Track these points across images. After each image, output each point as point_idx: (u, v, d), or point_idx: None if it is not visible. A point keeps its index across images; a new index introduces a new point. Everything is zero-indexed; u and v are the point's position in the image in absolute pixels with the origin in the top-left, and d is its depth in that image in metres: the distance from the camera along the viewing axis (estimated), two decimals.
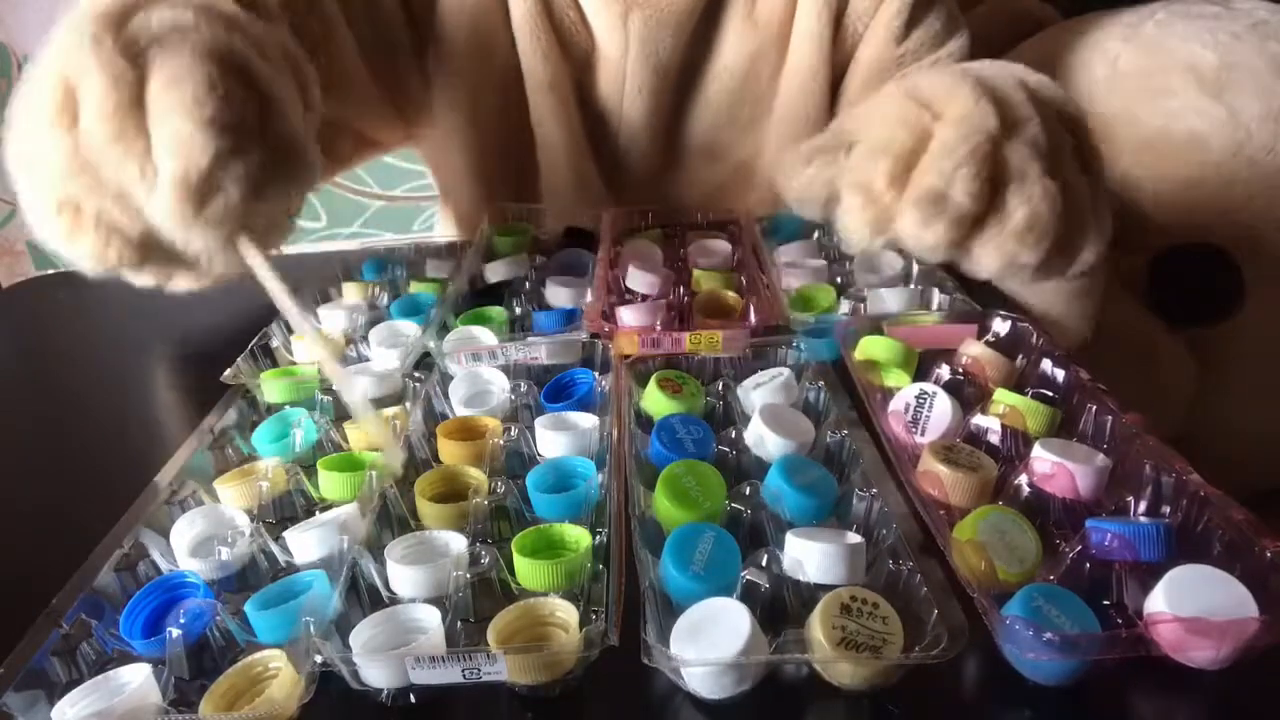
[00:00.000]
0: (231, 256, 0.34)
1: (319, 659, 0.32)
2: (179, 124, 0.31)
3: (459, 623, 0.34)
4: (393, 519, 0.40)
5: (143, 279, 0.36)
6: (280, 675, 0.32)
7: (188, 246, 0.33)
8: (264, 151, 0.33)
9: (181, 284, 0.37)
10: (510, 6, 0.71)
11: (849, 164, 0.45)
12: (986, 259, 0.42)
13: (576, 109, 0.75)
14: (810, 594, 0.34)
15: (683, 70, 0.74)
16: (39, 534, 0.45)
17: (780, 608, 0.34)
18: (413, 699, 0.33)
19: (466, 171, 0.81)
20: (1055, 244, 0.41)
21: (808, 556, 0.34)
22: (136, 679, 0.31)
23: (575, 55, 0.74)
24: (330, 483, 0.42)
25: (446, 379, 0.50)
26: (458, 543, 0.37)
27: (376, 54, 0.71)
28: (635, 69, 0.72)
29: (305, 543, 0.38)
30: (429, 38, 0.74)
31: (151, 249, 0.34)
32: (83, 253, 0.34)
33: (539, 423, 0.44)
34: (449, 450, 0.44)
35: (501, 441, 0.43)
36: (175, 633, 0.33)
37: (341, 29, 0.66)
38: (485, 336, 0.53)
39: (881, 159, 0.43)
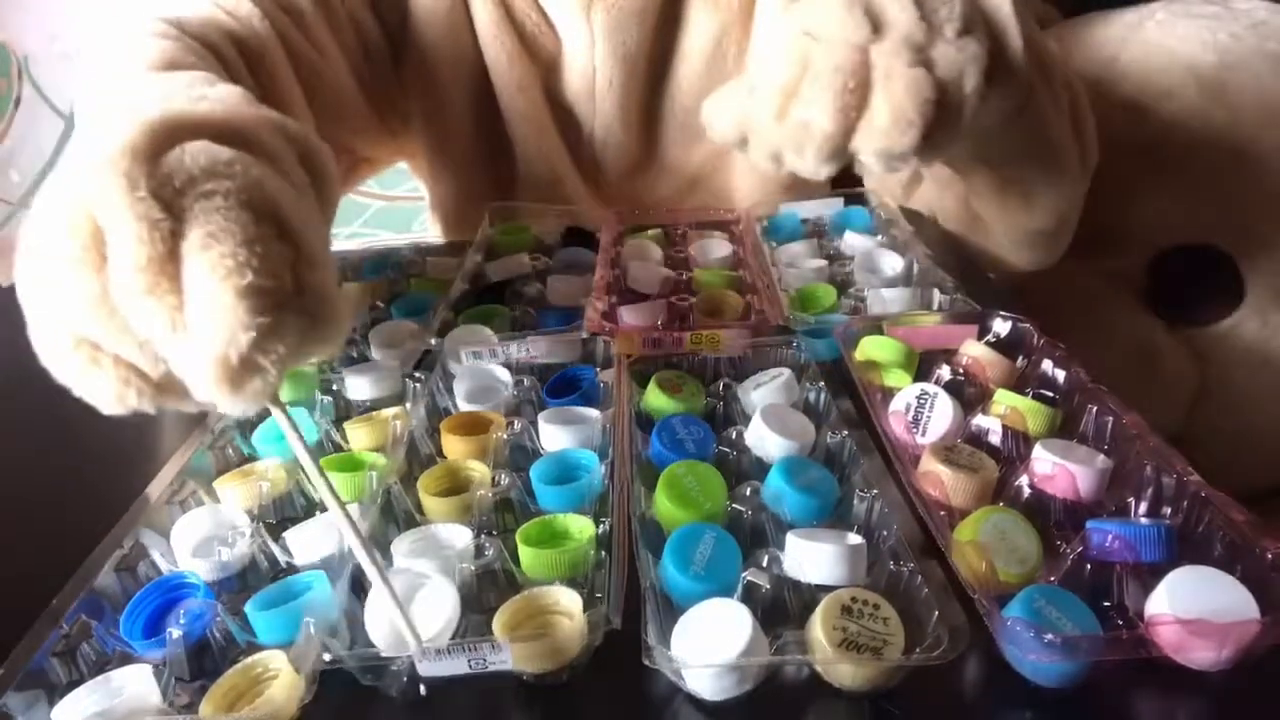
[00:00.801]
0: (255, 407, 0.33)
1: (327, 657, 0.32)
2: (218, 292, 0.29)
3: (468, 614, 0.34)
4: (398, 514, 0.40)
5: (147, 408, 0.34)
6: (281, 676, 0.32)
7: (216, 406, 0.32)
8: (300, 316, 0.31)
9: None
10: (473, 14, 0.72)
11: (750, 104, 0.48)
12: (865, 159, 0.45)
13: (548, 109, 0.76)
14: (811, 595, 0.34)
15: (650, 60, 0.74)
16: (40, 534, 0.45)
17: (781, 608, 0.34)
18: (422, 690, 0.33)
19: (449, 178, 0.82)
20: (928, 124, 0.44)
21: (808, 557, 0.34)
22: (137, 680, 0.31)
23: (542, 56, 0.74)
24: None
25: (449, 375, 0.50)
26: (463, 536, 0.37)
27: (363, 71, 0.72)
28: (604, 63, 0.72)
29: (306, 543, 0.38)
30: (402, 50, 0.74)
31: (171, 389, 0.33)
32: (99, 393, 0.32)
33: (543, 416, 0.44)
34: (453, 445, 0.44)
35: (505, 436, 0.44)
36: (175, 634, 0.33)
37: (333, 50, 0.67)
38: (486, 334, 0.53)
39: (768, 97, 0.46)
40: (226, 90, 0.41)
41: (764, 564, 0.34)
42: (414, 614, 0.33)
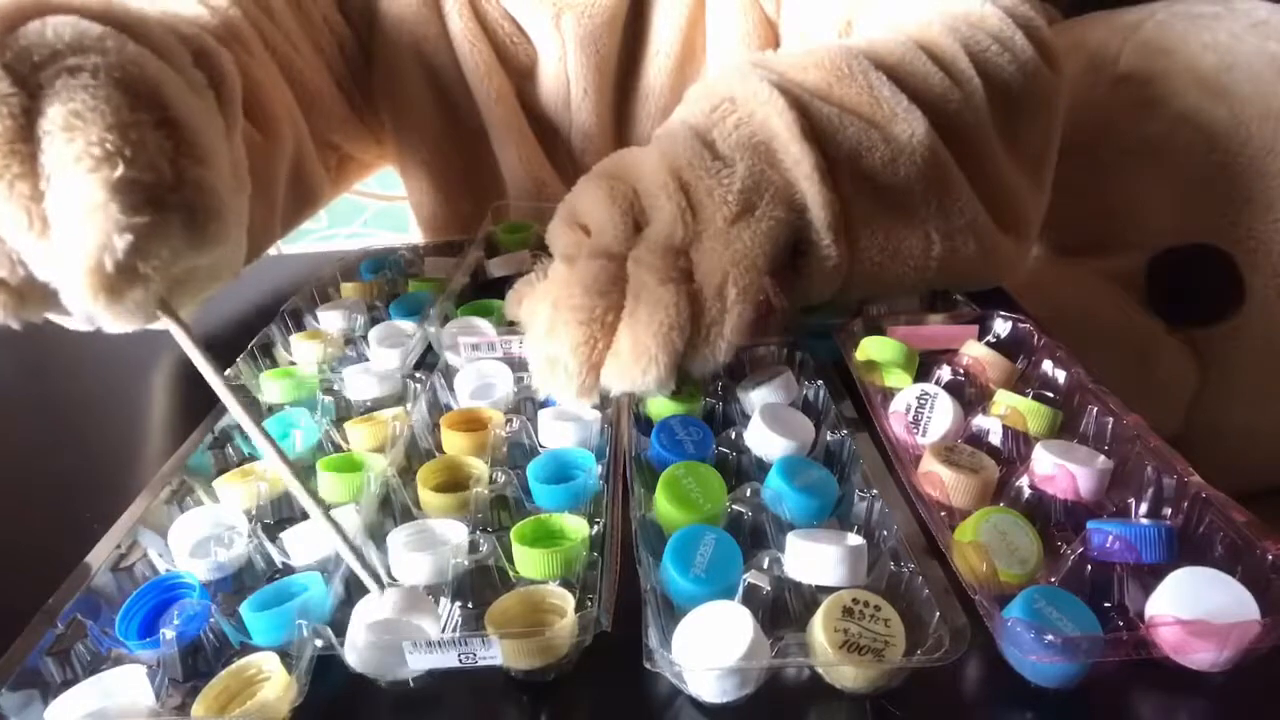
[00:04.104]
0: (142, 320, 0.29)
1: (319, 643, 0.32)
2: (85, 187, 0.25)
3: (458, 609, 0.35)
4: (395, 507, 0.40)
5: (10, 321, 0.30)
6: (273, 678, 0.32)
7: (93, 319, 0.28)
8: (182, 213, 0.27)
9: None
10: (448, 24, 0.72)
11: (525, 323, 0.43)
12: (614, 389, 0.39)
13: (526, 119, 0.76)
14: (812, 596, 0.34)
15: (622, 64, 0.74)
16: (38, 533, 0.45)
17: (782, 610, 0.34)
18: (410, 684, 0.33)
19: (422, 180, 0.82)
20: (674, 356, 0.39)
21: (809, 558, 0.34)
22: (130, 681, 0.31)
23: (516, 66, 0.75)
24: (329, 484, 0.42)
25: (451, 371, 0.50)
26: (458, 531, 0.37)
27: (340, 70, 0.73)
28: (577, 72, 0.72)
29: (303, 544, 0.38)
30: (372, 52, 0.75)
31: (34, 297, 0.28)
32: None
33: (543, 414, 0.44)
34: (452, 441, 0.44)
35: (504, 433, 0.44)
36: (169, 634, 0.33)
37: (306, 47, 0.67)
38: (485, 327, 0.53)
39: (530, 331, 0.41)
40: None
41: (764, 565, 0.34)
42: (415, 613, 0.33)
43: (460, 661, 0.32)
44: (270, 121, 0.57)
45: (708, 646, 0.30)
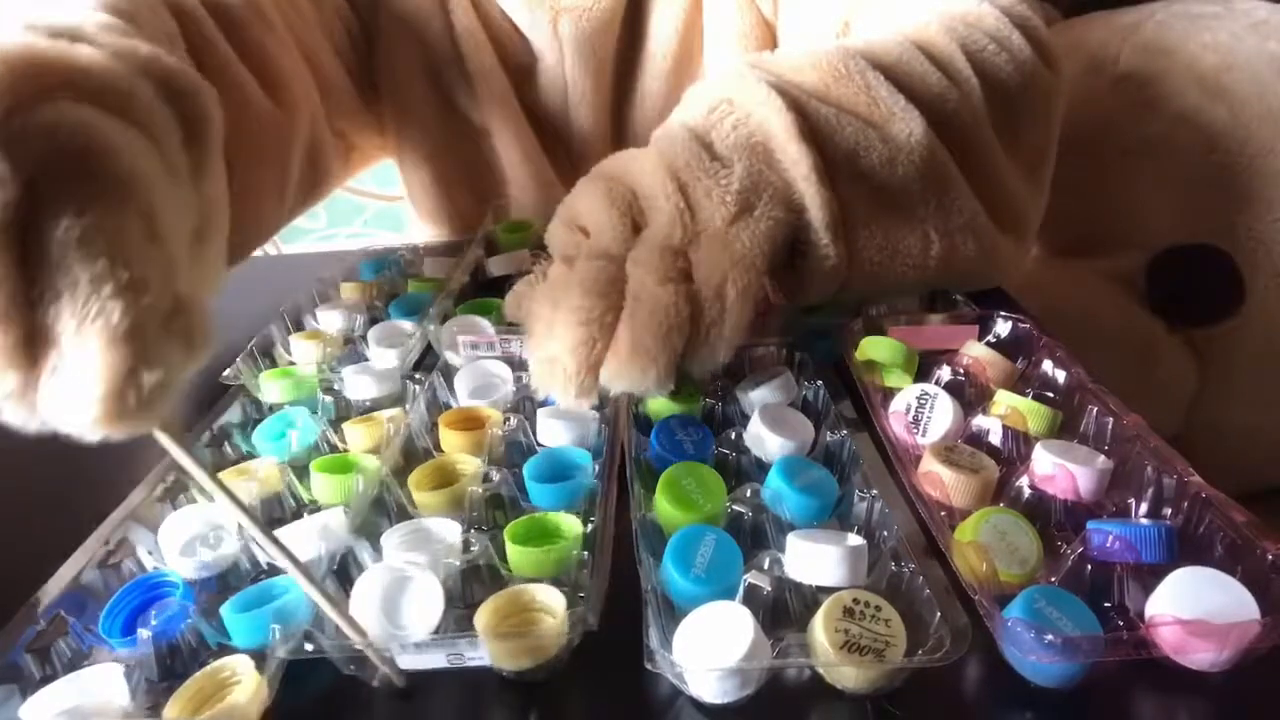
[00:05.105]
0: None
1: (309, 647, 0.32)
2: (95, 338, 0.24)
3: (451, 609, 0.34)
4: (390, 506, 0.40)
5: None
6: (244, 681, 0.32)
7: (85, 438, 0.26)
8: (183, 339, 0.27)
9: None
10: (453, 21, 0.73)
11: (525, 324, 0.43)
12: (614, 389, 0.39)
13: (526, 119, 0.76)
14: (812, 596, 0.34)
15: (620, 67, 0.75)
16: (28, 529, 0.45)
17: (782, 610, 0.34)
18: (399, 682, 0.33)
19: (429, 178, 0.82)
20: (673, 356, 0.39)
21: (809, 559, 0.34)
22: (106, 680, 0.31)
23: (517, 67, 0.75)
24: (320, 485, 0.41)
25: (450, 370, 0.50)
26: (453, 530, 0.37)
27: (349, 57, 0.73)
28: (574, 74, 0.73)
29: (288, 545, 0.37)
30: (374, 41, 0.75)
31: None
32: None
33: (542, 412, 0.44)
34: (450, 440, 0.44)
35: (501, 432, 0.44)
36: (145, 634, 0.33)
37: (319, 33, 0.67)
38: (485, 326, 0.53)
39: (531, 330, 0.41)
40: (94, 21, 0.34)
41: (765, 566, 0.34)
42: (402, 610, 0.33)
43: (448, 662, 0.32)
44: (289, 98, 0.58)
45: (708, 647, 0.30)
